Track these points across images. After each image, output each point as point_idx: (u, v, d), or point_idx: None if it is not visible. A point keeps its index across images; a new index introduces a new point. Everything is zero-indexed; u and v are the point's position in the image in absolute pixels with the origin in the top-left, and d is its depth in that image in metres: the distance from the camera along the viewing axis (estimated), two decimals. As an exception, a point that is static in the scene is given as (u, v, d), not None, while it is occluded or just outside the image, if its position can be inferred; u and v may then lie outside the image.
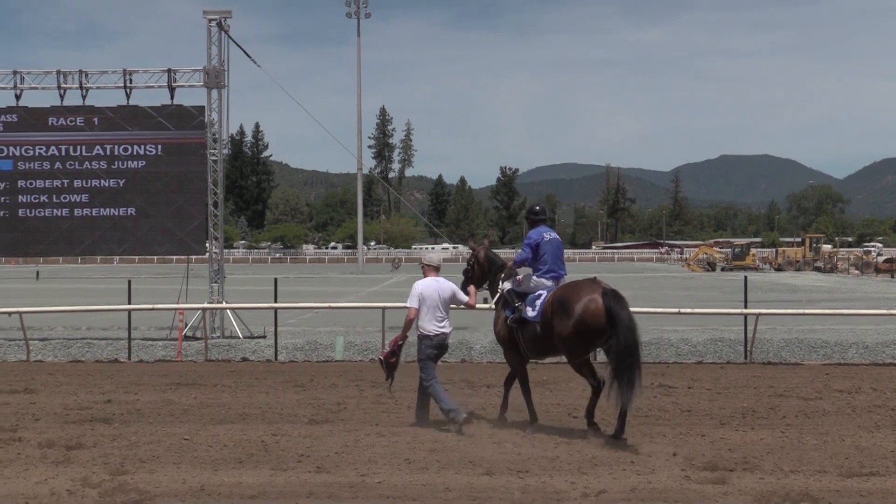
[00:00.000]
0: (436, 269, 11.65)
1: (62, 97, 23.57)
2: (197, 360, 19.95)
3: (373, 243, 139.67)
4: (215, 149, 23.83)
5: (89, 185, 23.35)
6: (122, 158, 23.37)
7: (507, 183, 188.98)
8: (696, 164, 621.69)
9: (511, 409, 11.80)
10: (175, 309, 22.25)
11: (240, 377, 16.38)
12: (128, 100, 23.60)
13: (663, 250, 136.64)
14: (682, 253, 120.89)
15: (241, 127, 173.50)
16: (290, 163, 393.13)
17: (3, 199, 23.34)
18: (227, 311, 23.60)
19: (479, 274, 12.04)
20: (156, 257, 79.24)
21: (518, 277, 11.67)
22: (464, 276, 12.19)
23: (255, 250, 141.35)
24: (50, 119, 23.38)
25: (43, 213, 23.37)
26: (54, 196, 23.34)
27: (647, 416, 12.30)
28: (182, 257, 25.55)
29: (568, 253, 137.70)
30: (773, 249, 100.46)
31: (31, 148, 23.35)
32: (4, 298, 32.42)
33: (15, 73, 23.59)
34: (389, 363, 11.55)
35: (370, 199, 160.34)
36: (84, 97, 23.56)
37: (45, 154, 23.34)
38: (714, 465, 9.31)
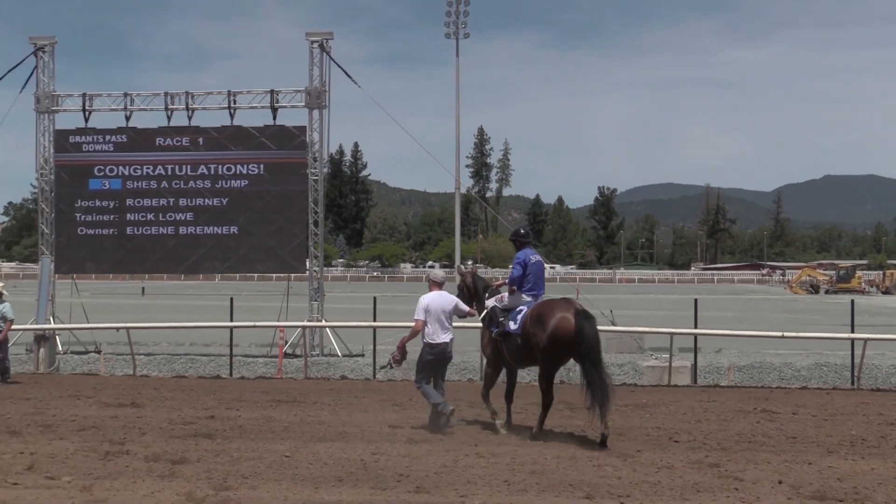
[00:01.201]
0: (439, 285, 12.87)
1: (169, 118, 24.15)
2: (296, 378, 20.13)
3: (470, 262, 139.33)
4: (315, 168, 24.12)
5: (194, 203, 23.87)
6: (225, 178, 23.84)
7: (605, 203, 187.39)
8: (799, 185, 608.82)
9: (614, 430, 11.66)
10: (275, 327, 22.53)
11: (339, 395, 16.46)
12: (231, 120, 24.09)
13: (765, 272, 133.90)
14: (784, 275, 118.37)
15: (340, 146, 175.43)
16: (388, 182, 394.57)
17: (112, 217, 24.03)
18: (327, 329, 23.80)
19: (468, 296, 13.36)
20: (256, 275, 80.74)
21: (501, 296, 12.79)
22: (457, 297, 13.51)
23: (354, 269, 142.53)
24: (157, 139, 24.00)
25: (149, 231, 23.97)
26: (160, 214, 23.93)
27: (750, 441, 11.99)
28: (282, 275, 25.87)
29: (666, 274, 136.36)
30: (881, 272, 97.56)
31: (139, 167, 23.99)
32: (112, 314, 33.24)
33: (126, 95, 24.28)
34: (396, 360, 12.83)
35: (468, 218, 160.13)
36: (190, 118, 24.12)
37: (152, 173, 23.95)
38: (822, 494, 9.00)
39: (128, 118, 24.32)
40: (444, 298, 12.70)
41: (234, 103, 24.02)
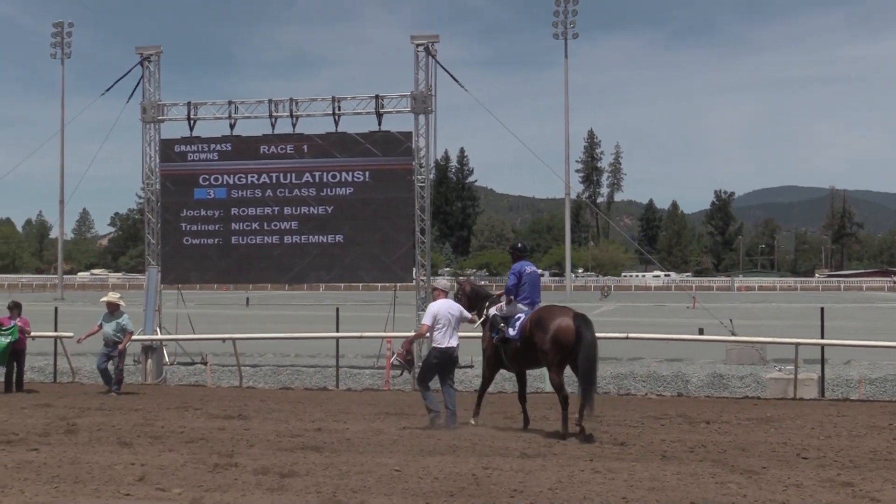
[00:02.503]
0: (445, 293, 13.87)
1: (273, 125, 23.95)
2: (404, 390, 19.79)
3: (581, 270, 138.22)
4: (422, 174, 23.72)
5: (298, 212, 23.62)
6: (330, 185, 23.56)
7: (722, 207, 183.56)
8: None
9: (737, 445, 11.05)
10: (382, 337, 22.18)
11: (448, 407, 16.04)
12: (336, 127, 23.82)
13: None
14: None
15: (445, 152, 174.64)
16: (494, 188, 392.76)
17: (217, 226, 23.92)
18: (434, 339, 23.38)
19: (467, 304, 14.30)
20: (361, 285, 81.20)
21: (500, 304, 13.71)
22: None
23: (461, 277, 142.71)
24: (261, 147, 23.84)
25: (254, 241, 23.78)
26: (265, 223, 23.71)
27: (886, 459, 11.23)
28: (387, 285, 25.56)
29: (788, 282, 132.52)
30: None
31: (243, 176, 23.86)
32: (218, 324, 33.50)
33: (230, 103, 24.22)
34: (406, 360, 14.43)
35: (578, 224, 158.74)
36: (294, 125, 23.88)
37: (256, 182, 23.79)
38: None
39: (232, 126, 24.21)
40: (450, 305, 13.67)
41: (339, 109, 23.76)
